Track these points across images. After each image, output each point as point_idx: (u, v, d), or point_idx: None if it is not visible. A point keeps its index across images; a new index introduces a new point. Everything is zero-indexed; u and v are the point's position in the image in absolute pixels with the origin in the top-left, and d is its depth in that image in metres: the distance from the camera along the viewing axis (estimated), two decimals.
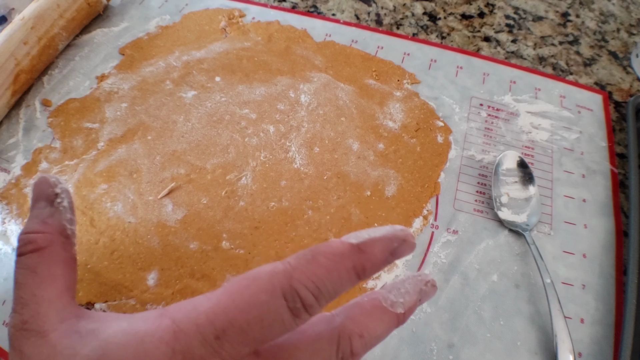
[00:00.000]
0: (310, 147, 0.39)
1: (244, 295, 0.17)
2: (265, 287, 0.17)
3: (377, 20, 0.51)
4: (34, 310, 0.17)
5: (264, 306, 0.16)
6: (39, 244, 0.19)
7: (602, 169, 0.40)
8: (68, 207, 0.21)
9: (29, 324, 0.17)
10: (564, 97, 0.44)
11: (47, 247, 0.19)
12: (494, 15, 0.52)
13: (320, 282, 0.17)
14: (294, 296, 0.17)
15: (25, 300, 0.18)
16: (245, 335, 0.16)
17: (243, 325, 0.16)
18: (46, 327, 0.17)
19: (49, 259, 0.19)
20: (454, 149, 0.40)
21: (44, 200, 0.20)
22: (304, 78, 0.44)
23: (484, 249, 0.35)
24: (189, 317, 0.16)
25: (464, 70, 0.46)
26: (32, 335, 0.16)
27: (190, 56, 0.46)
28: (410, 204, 0.37)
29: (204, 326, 0.16)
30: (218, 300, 0.17)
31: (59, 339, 0.16)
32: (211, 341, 0.16)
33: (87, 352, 0.15)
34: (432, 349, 0.31)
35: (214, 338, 0.16)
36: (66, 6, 0.46)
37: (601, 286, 0.34)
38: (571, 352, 0.29)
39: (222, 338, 0.16)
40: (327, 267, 0.17)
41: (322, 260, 0.17)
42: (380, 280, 0.33)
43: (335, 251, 0.17)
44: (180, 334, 0.16)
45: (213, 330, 0.16)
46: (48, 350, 0.16)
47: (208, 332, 0.16)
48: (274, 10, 0.51)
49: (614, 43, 0.50)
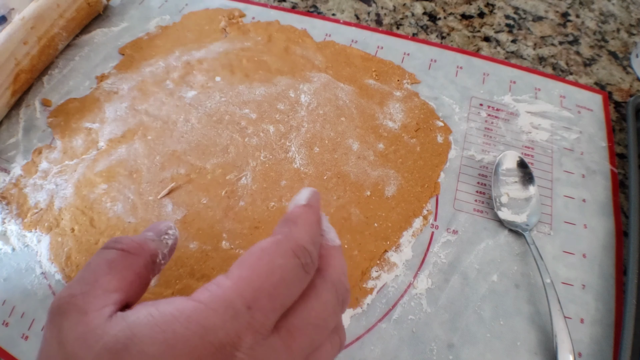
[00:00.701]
0: (310, 147, 0.39)
1: (262, 264, 0.18)
2: (278, 252, 0.18)
3: (377, 20, 0.51)
4: (87, 290, 0.17)
5: (283, 268, 0.18)
6: (127, 248, 0.19)
7: (602, 169, 0.40)
8: (169, 246, 0.22)
9: (75, 298, 0.17)
10: (564, 97, 0.44)
11: (133, 254, 0.19)
12: (494, 15, 0.52)
13: (314, 237, 0.20)
14: (305, 253, 0.19)
15: (84, 279, 0.18)
16: (274, 299, 0.17)
17: (270, 290, 0.17)
18: (90, 307, 0.17)
19: (129, 263, 0.19)
20: (454, 149, 0.40)
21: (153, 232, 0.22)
22: (304, 78, 0.44)
23: (484, 249, 0.35)
24: (215, 295, 0.17)
25: (464, 70, 0.46)
26: (74, 310, 0.17)
27: (190, 56, 0.46)
28: (410, 204, 0.37)
29: (234, 300, 0.16)
30: (239, 275, 0.17)
31: (95, 319, 0.16)
32: (243, 313, 0.16)
33: (115, 333, 0.16)
34: (432, 349, 0.31)
35: (246, 309, 0.16)
36: (66, 6, 0.46)
37: (601, 286, 0.34)
38: (571, 352, 0.29)
39: (254, 307, 0.17)
40: (309, 224, 0.20)
41: (302, 222, 0.20)
42: (380, 280, 0.33)
43: (303, 213, 0.21)
44: (209, 312, 0.16)
45: (244, 302, 0.16)
46: (83, 328, 0.16)
47: (239, 305, 0.16)
48: (274, 10, 0.51)
49: (614, 43, 0.50)
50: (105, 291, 0.18)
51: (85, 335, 0.16)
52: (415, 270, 0.34)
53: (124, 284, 0.18)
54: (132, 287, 0.19)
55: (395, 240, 0.35)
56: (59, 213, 0.36)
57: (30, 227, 0.36)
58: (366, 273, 0.34)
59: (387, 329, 0.32)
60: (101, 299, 0.17)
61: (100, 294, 0.17)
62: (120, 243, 0.19)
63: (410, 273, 0.34)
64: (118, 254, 0.19)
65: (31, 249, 0.35)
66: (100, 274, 0.18)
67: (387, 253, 0.35)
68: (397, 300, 0.33)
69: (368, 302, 0.33)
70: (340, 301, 0.20)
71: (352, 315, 0.32)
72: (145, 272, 0.20)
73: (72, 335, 0.16)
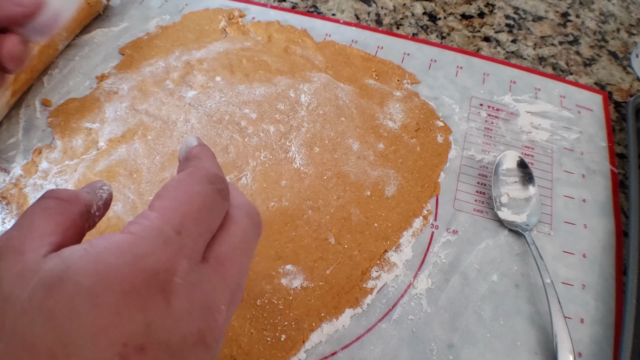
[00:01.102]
0: (310, 147, 0.39)
1: (181, 193, 0.18)
2: (193, 180, 0.19)
3: (377, 20, 0.51)
4: (24, 233, 0.17)
5: (202, 194, 0.18)
6: (62, 196, 0.19)
7: (602, 169, 0.40)
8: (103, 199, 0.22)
9: (12, 240, 0.17)
10: (564, 97, 0.44)
11: (68, 201, 0.19)
12: (494, 15, 0.52)
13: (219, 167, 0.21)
14: (218, 179, 0.19)
15: (21, 224, 0.18)
16: (200, 224, 0.18)
17: (195, 215, 0.18)
18: (26, 248, 0.17)
19: (64, 210, 0.19)
20: (454, 149, 0.40)
21: (89, 187, 0.22)
22: (304, 78, 0.44)
23: (484, 249, 0.35)
24: (144, 225, 0.17)
25: (464, 70, 0.46)
26: (11, 252, 0.17)
27: (190, 56, 0.46)
28: (410, 204, 0.37)
29: (162, 227, 0.17)
30: (163, 205, 0.18)
31: (31, 258, 0.16)
32: (174, 238, 0.17)
33: (50, 267, 0.16)
34: (432, 349, 0.31)
35: (176, 234, 0.17)
36: None
37: (601, 286, 0.34)
38: (571, 352, 0.29)
39: (183, 232, 0.17)
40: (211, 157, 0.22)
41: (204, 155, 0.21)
42: (380, 280, 0.33)
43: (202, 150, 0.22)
44: (140, 241, 0.16)
45: (172, 228, 0.17)
46: (19, 266, 0.16)
47: (169, 231, 0.17)
48: (274, 10, 0.51)
49: (614, 43, 0.50)
50: (41, 234, 0.18)
51: (21, 272, 0.16)
52: (415, 270, 0.34)
53: (60, 229, 0.18)
54: (67, 234, 0.19)
55: (395, 240, 0.35)
56: None
57: None
58: (366, 273, 0.34)
59: (387, 329, 0.32)
60: (37, 240, 0.17)
61: (36, 236, 0.17)
62: (55, 193, 0.20)
63: (410, 273, 0.34)
64: (53, 201, 0.19)
65: None
66: (36, 219, 0.18)
67: (387, 253, 0.35)
68: (397, 300, 0.33)
69: (368, 302, 0.33)
70: (256, 222, 0.21)
71: (352, 315, 0.32)
72: (80, 221, 0.20)
73: (8, 274, 0.16)
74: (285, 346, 0.30)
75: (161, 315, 0.16)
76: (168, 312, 0.16)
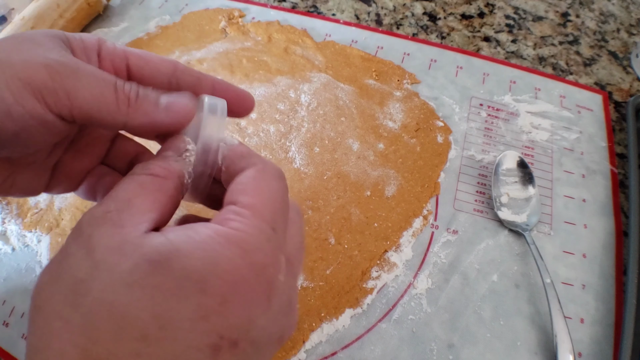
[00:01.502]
0: (310, 147, 0.39)
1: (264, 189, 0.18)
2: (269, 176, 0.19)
3: (377, 20, 0.51)
4: (121, 207, 0.16)
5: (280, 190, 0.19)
6: (157, 172, 0.18)
7: (602, 169, 0.40)
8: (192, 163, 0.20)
9: (110, 214, 0.16)
10: (564, 97, 0.44)
11: (163, 177, 0.18)
12: (494, 15, 0.52)
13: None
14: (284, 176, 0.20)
15: (117, 198, 0.17)
16: (285, 220, 0.18)
17: (281, 211, 0.18)
18: (126, 222, 0.16)
19: (160, 186, 0.18)
20: (454, 149, 0.40)
21: (173, 150, 0.20)
22: (304, 78, 0.44)
23: (484, 249, 0.35)
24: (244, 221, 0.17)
25: (464, 70, 0.46)
26: (109, 224, 0.16)
27: (190, 56, 0.46)
28: (410, 204, 0.37)
29: (261, 224, 0.17)
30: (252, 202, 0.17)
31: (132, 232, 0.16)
32: (272, 235, 0.17)
33: (156, 245, 0.15)
34: (432, 349, 0.31)
35: (273, 231, 0.17)
36: (66, 6, 0.46)
37: (601, 286, 0.34)
38: (571, 352, 0.29)
39: (276, 229, 0.17)
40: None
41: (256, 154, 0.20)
42: (380, 280, 0.33)
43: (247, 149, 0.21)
44: (246, 235, 0.16)
45: (269, 225, 0.17)
46: (119, 240, 0.15)
47: (267, 228, 0.17)
48: (274, 10, 0.51)
49: (614, 43, 0.50)
50: (140, 210, 0.17)
51: (122, 244, 0.15)
52: (415, 270, 0.34)
53: (157, 205, 0.18)
54: (165, 209, 0.18)
55: (395, 240, 0.35)
56: (59, 213, 0.36)
57: (31, 227, 0.36)
58: (366, 273, 0.34)
59: (387, 329, 0.32)
60: (137, 216, 0.16)
61: (135, 212, 0.16)
62: (148, 169, 0.18)
63: (410, 273, 0.34)
64: (148, 177, 0.18)
65: (31, 249, 0.35)
66: (134, 194, 0.17)
67: (387, 253, 0.35)
68: (397, 300, 0.33)
69: (368, 302, 0.33)
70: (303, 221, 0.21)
71: (352, 315, 0.32)
72: (175, 194, 0.19)
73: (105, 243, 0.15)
74: (285, 346, 0.30)
75: (262, 311, 0.16)
76: (268, 309, 0.16)
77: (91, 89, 0.18)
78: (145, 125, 0.19)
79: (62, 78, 0.17)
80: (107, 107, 0.18)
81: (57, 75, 0.17)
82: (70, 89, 0.18)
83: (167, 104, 0.20)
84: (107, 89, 0.18)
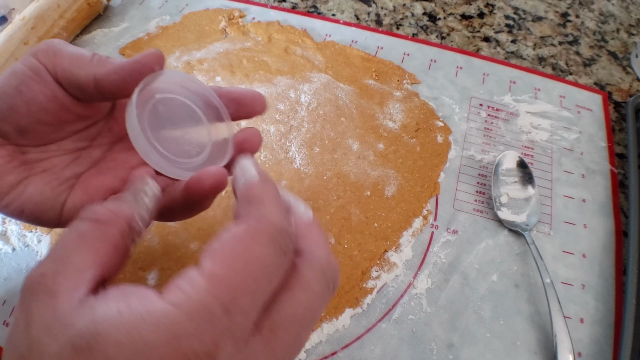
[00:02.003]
0: (310, 147, 0.40)
1: (239, 257, 0.16)
2: (255, 240, 0.16)
3: (377, 20, 0.51)
4: (58, 269, 0.16)
5: (263, 259, 0.16)
6: (100, 218, 0.18)
7: (601, 169, 0.40)
8: (147, 206, 0.20)
9: (46, 278, 0.16)
10: (564, 97, 0.44)
11: (106, 223, 0.18)
12: (493, 15, 0.52)
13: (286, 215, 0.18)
14: (283, 236, 0.17)
15: (55, 257, 0.17)
16: (255, 297, 0.15)
17: (251, 287, 0.15)
18: (60, 289, 0.15)
19: (102, 234, 0.17)
20: (453, 149, 0.40)
21: (130, 192, 0.20)
22: (304, 78, 0.44)
23: (483, 249, 0.35)
24: (189, 297, 0.15)
25: (463, 71, 0.46)
26: (44, 292, 0.16)
27: (190, 56, 0.46)
28: (410, 204, 0.37)
29: (210, 304, 0.15)
30: (214, 272, 0.15)
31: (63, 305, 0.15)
32: (221, 318, 0.15)
33: (80, 326, 0.15)
34: (432, 349, 0.31)
35: (224, 313, 0.15)
36: (66, 6, 0.46)
37: (601, 286, 0.34)
38: (571, 352, 0.29)
39: (233, 309, 0.15)
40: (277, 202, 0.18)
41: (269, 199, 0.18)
42: (380, 280, 0.33)
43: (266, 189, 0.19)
44: (182, 317, 0.14)
45: (221, 305, 0.15)
46: (51, 314, 0.15)
47: (216, 309, 0.15)
48: (274, 11, 0.51)
49: (613, 43, 0.50)
50: (77, 270, 0.16)
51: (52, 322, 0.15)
52: (415, 270, 0.34)
53: (98, 258, 0.17)
54: (108, 261, 0.17)
55: (395, 240, 0.35)
56: None
57: (31, 227, 0.36)
58: (366, 273, 0.34)
59: (387, 329, 0.32)
60: (72, 279, 0.16)
61: (71, 273, 0.16)
62: (92, 213, 0.18)
63: (410, 273, 0.34)
64: (90, 225, 0.17)
65: (31, 249, 0.35)
66: (72, 249, 0.17)
67: (387, 253, 0.35)
68: (397, 300, 0.33)
69: (368, 302, 0.33)
70: (331, 286, 0.18)
71: (352, 315, 0.32)
72: (122, 242, 0.18)
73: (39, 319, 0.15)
74: None
75: None
76: None
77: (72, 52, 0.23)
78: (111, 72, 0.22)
79: (52, 45, 0.23)
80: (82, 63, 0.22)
81: (50, 46, 0.23)
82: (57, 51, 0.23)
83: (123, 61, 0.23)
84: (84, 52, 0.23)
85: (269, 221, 0.17)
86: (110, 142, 0.27)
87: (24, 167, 0.23)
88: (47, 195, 0.23)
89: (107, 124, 0.27)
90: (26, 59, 0.23)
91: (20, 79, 0.22)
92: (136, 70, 0.22)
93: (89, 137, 0.26)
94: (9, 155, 0.23)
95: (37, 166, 0.24)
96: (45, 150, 0.24)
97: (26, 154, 0.24)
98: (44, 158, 0.24)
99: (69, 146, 0.25)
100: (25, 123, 0.23)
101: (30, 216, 0.23)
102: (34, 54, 0.23)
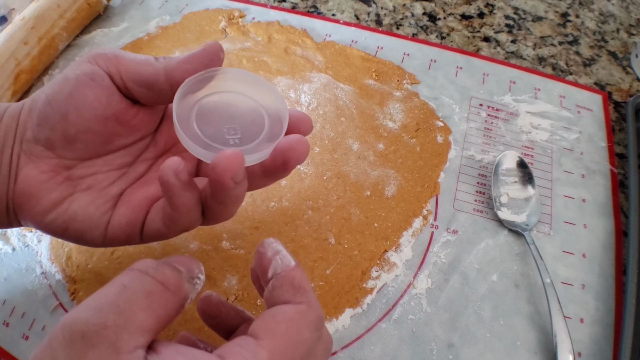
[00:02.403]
0: (310, 147, 0.40)
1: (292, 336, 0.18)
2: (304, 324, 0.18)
3: (377, 20, 0.51)
4: (121, 323, 0.16)
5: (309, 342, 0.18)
6: (168, 284, 0.18)
7: (601, 169, 0.40)
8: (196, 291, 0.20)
9: (108, 330, 0.15)
10: (564, 97, 0.44)
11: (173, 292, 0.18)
12: (493, 15, 0.52)
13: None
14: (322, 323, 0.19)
15: (120, 309, 0.16)
16: None
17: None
18: (123, 346, 0.15)
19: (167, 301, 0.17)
20: (453, 149, 0.40)
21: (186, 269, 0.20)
22: (303, 78, 0.44)
23: (483, 249, 0.35)
24: None
25: (463, 71, 0.46)
26: (105, 345, 0.15)
27: None
28: (410, 204, 0.37)
29: None
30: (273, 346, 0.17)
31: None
32: None
33: None
34: (432, 349, 0.31)
35: None
36: (66, 6, 0.46)
37: (601, 286, 0.34)
38: (571, 352, 0.29)
39: None
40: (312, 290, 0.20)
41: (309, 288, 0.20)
42: (380, 280, 0.34)
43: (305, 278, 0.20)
44: None
45: None
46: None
47: None
48: (274, 11, 0.51)
49: (613, 43, 0.50)
50: (141, 330, 0.16)
51: None
52: (415, 270, 0.34)
53: (159, 324, 0.17)
54: (161, 327, 0.17)
55: (395, 240, 0.35)
56: None
57: (31, 227, 0.36)
58: (366, 273, 0.34)
59: (387, 328, 0.32)
60: (135, 338, 0.16)
61: (134, 331, 0.16)
62: (160, 273, 0.18)
63: (410, 273, 0.34)
64: (158, 287, 0.17)
65: (31, 249, 0.35)
66: (138, 308, 0.16)
67: (387, 253, 0.35)
68: (397, 300, 0.33)
69: (368, 302, 0.33)
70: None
71: (352, 315, 0.32)
72: (175, 314, 0.18)
73: None
74: None
75: None
76: None
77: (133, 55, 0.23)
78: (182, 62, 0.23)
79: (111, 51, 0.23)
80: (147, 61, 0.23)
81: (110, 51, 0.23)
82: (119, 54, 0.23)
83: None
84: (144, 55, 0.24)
85: (315, 310, 0.19)
86: (155, 156, 0.26)
87: (68, 182, 0.23)
88: (92, 213, 0.23)
89: (153, 139, 0.26)
90: (80, 65, 0.22)
91: (73, 85, 0.22)
92: (207, 57, 0.22)
93: (135, 152, 0.25)
94: (52, 170, 0.22)
95: (82, 182, 0.23)
96: (91, 166, 0.23)
97: (71, 169, 0.23)
98: (90, 174, 0.23)
99: (115, 162, 0.24)
100: (74, 131, 0.22)
101: (73, 235, 0.23)
102: (90, 60, 0.23)
